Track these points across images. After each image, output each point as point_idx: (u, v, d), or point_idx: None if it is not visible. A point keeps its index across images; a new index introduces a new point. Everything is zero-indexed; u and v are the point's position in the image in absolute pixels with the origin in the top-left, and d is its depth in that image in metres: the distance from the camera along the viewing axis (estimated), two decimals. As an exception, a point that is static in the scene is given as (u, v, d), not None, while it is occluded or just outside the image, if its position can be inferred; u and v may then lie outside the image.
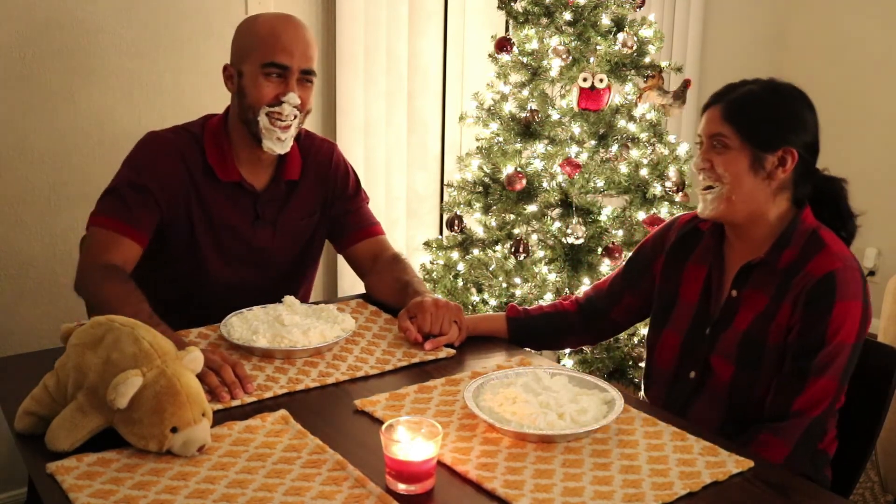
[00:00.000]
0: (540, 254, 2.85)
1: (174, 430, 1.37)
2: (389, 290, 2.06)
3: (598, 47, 2.80)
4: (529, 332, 1.96)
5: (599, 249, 2.80)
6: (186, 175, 1.99)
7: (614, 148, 2.85)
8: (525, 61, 2.88)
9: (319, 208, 2.16)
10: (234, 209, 2.03)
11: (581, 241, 2.76)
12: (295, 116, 1.94)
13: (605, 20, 2.81)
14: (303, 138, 2.14)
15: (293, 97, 1.91)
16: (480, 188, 2.95)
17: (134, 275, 1.92)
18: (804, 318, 1.58)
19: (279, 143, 1.94)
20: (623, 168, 2.83)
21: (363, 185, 2.29)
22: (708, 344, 1.72)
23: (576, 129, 2.82)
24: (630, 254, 1.97)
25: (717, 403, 1.69)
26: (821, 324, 1.57)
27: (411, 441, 1.32)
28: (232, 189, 2.02)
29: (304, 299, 2.26)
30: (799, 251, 1.63)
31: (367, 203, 2.25)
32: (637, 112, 2.89)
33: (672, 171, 2.83)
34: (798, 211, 1.68)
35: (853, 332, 1.58)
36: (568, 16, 2.81)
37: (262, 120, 1.92)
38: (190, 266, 2.05)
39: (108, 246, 1.90)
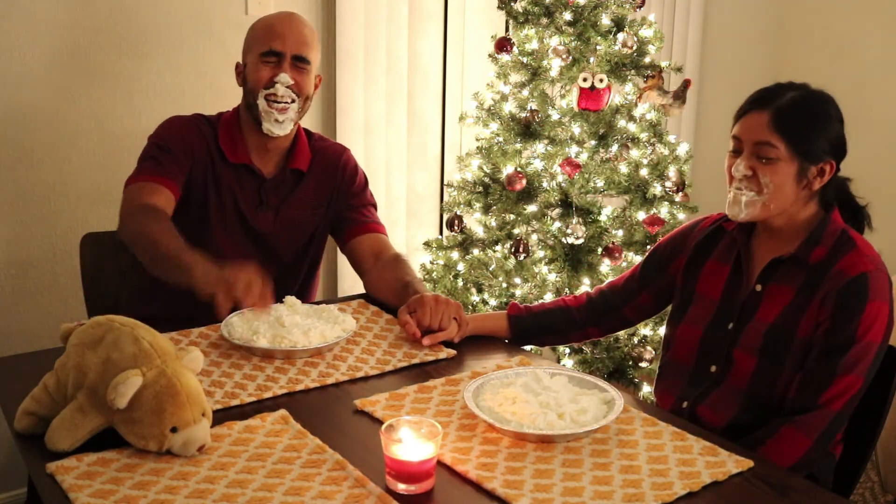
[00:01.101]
0: (540, 254, 2.85)
1: (174, 429, 1.37)
2: (389, 288, 2.07)
3: (598, 47, 2.80)
4: (532, 329, 1.97)
5: (599, 249, 2.80)
6: (204, 147, 2.13)
7: (614, 148, 2.85)
8: (525, 61, 2.87)
9: (325, 203, 2.23)
10: (240, 190, 2.15)
11: (581, 241, 2.76)
12: (293, 100, 2.08)
13: (605, 20, 2.80)
14: (316, 139, 2.27)
15: (285, 77, 2.06)
16: (480, 188, 2.95)
17: None
18: (835, 316, 1.60)
19: (277, 124, 2.07)
20: (623, 168, 2.83)
21: (363, 185, 2.32)
22: (731, 338, 1.73)
23: (576, 129, 2.82)
24: (646, 254, 1.98)
25: (735, 395, 1.70)
26: (852, 323, 1.59)
27: (411, 441, 1.32)
28: (241, 171, 2.15)
29: (308, 299, 2.28)
30: (829, 249, 1.65)
31: (375, 208, 2.31)
32: (637, 112, 2.89)
33: (672, 171, 2.83)
34: (827, 213, 1.70)
35: (881, 333, 1.61)
36: (568, 16, 2.81)
37: (261, 103, 2.07)
38: (197, 236, 2.10)
39: (147, 192, 2.03)
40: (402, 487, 1.31)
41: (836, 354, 1.59)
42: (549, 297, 2.80)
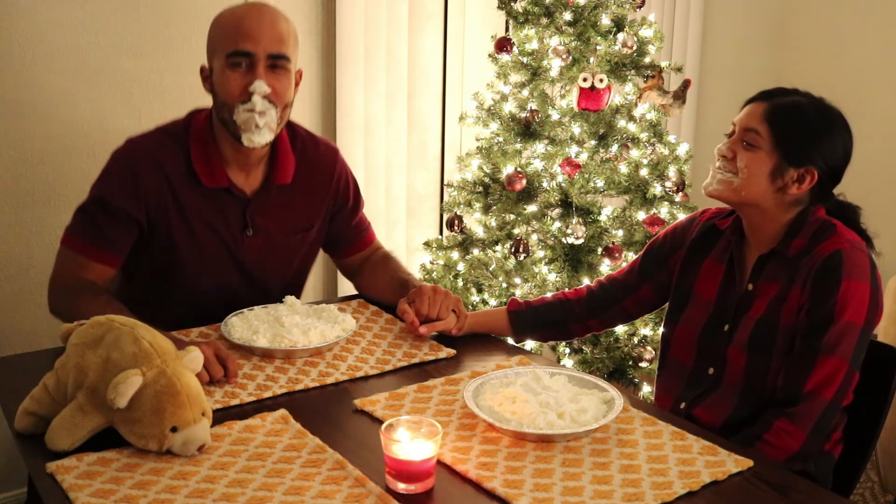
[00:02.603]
0: (540, 254, 2.85)
1: (174, 429, 1.37)
2: (387, 287, 2.04)
3: (598, 47, 2.80)
4: (533, 323, 1.96)
5: (599, 249, 2.80)
6: (166, 185, 1.87)
7: (614, 148, 2.85)
8: (525, 61, 2.88)
9: (318, 223, 2.06)
10: (220, 218, 1.91)
11: (581, 241, 2.76)
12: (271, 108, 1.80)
13: (605, 20, 2.80)
14: (300, 139, 2.01)
15: (260, 85, 1.77)
16: (480, 188, 2.95)
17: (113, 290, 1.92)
18: (812, 296, 1.61)
19: (258, 131, 1.79)
20: (623, 168, 2.83)
21: (363, 185, 2.29)
22: (726, 339, 1.73)
23: (576, 129, 2.82)
24: (644, 247, 1.97)
25: (732, 394, 1.71)
26: (828, 301, 1.59)
27: (411, 441, 1.32)
28: (219, 196, 1.90)
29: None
30: (809, 239, 1.66)
31: (363, 206, 2.19)
32: (637, 112, 2.89)
33: (672, 171, 2.83)
34: (809, 207, 1.69)
35: (861, 314, 1.59)
36: (568, 16, 2.81)
37: (239, 118, 1.80)
38: (166, 278, 1.95)
39: (77, 269, 1.85)
40: (402, 487, 1.31)
41: (816, 335, 1.59)
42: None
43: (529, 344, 2.81)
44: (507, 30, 3.26)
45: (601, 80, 2.79)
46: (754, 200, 1.68)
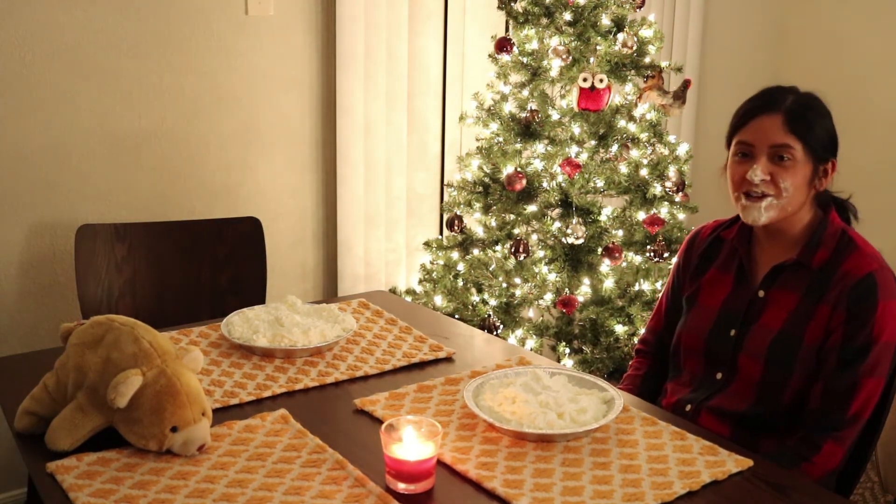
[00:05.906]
0: (540, 254, 2.85)
1: (174, 429, 1.37)
2: None
3: (598, 47, 2.80)
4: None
5: (599, 249, 2.80)
6: None
7: (614, 148, 2.85)
8: (525, 61, 2.87)
9: None
10: None
11: (581, 241, 2.76)
12: None
13: (605, 20, 2.80)
14: None
15: None
16: (480, 188, 2.95)
17: None
18: (848, 322, 1.60)
19: None
20: (623, 168, 2.83)
21: (363, 185, 2.26)
22: (734, 344, 1.72)
23: (576, 129, 2.82)
24: (662, 293, 1.95)
25: (741, 398, 1.70)
26: (867, 326, 1.59)
27: (411, 440, 1.32)
28: None
29: None
30: (831, 252, 1.65)
31: None
32: (637, 112, 2.89)
33: (672, 171, 2.83)
34: (825, 213, 1.70)
35: (894, 331, 1.61)
36: (568, 16, 2.81)
37: None
38: None
39: None
40: (402, 487, 1.31)
41: (857, 361, 1.60)
42: (548, 297, 2.80)
43: (529, 343, 2.81)
44: (507, 30, 3.26)
45: (601, 80, 2.79)
46: (797, 209, 1.67)
